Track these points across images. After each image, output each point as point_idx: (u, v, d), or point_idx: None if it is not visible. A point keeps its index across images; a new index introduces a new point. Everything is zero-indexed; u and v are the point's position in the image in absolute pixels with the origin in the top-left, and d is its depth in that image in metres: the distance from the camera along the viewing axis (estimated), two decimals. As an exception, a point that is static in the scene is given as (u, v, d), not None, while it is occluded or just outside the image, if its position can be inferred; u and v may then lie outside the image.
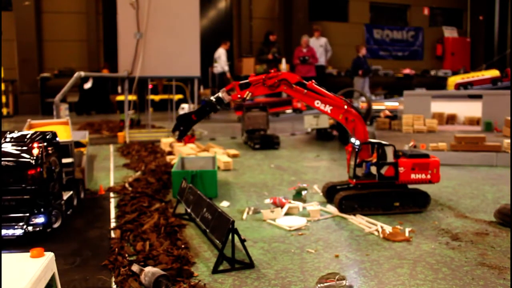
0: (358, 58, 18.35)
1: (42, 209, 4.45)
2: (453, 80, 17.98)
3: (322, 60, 19.20)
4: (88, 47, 20.51)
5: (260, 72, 19.47)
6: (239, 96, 5.28)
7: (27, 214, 4.39)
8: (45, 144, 4.63)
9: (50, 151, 4.75)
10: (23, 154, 4.45)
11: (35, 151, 4.46)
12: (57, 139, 5.06)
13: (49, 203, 4.58)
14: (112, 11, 11.87)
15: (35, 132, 4.84)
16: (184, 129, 5.50)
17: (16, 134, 4.73)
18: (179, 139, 5.63)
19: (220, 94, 5.34)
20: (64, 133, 6.01)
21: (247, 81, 5.36)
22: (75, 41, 20.39)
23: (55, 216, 4.62)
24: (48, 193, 4.60)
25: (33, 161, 4.42)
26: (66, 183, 5.45)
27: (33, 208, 4.43)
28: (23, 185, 4.42)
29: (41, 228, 4.40)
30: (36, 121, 6.50)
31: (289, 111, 17.10)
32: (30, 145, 4.51)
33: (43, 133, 4.84)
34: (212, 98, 5.37)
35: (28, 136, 4.69)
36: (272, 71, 5.31)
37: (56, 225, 4.65)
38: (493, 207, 5.28)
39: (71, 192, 5.31)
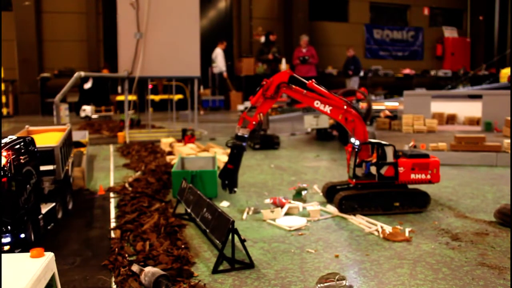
0: (347, 59, 18.50)
1: (8, 227, 3.82)
2: (506, 73, 17.81)
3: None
4: (88, 47, 20.52)
5: (261, 72, 19.52)
6: (254, 123, 5.25)
7: None
8: (15, 152, 3.99)
9: (22, 160, 4.11)
10: None
11: (1, 161, 3.81)
12: (32, 146, 4.42)
13: (19, 220, 3.91)
14: (112, 11, 11.88)
15: (6, 139, 4.22)
16: (229, 182, 5.41)
17: None
18: (231, 192, 5.51)
19: (238, 133, 5.30)
20: (56, 139, 5.36)
21: (250, 105, 5.38)
22: (75, 41, 20.39)
23: (27, 233, 3.98)
24: (18, 208, 3.93)
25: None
26: (49, 193, 4.80)
27: None
28: None
29: (8, 249, 3.84)
30: (34, 128, 6.05)
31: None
32: None
33: (14, 141, 4.20)
34: (235, 141, 5.32)
35: None
36: (264, 82, 5.26)
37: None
38: (493, 207, 5.28)
39: (54, 204, 4.69)
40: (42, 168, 4.69)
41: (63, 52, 20.16)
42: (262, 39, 18.86)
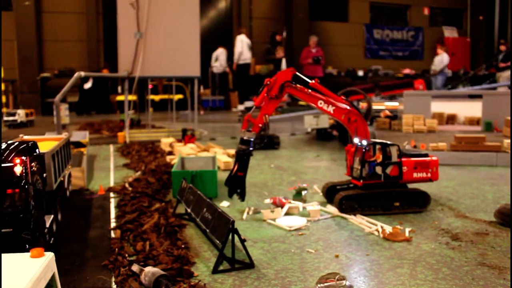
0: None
1: (27, 245, 3.37)
2: None
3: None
4: (88, 47, 20.53)
5: (265, 73, 19.47)
6: (260, 125, 5.08)
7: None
8: (29, 158, 3.54)
9: (34, 168, 3.67)
10: (1, 173, 3.34)
11: (18, 169, 3.35)
12: (38, 151, 4.01)
13: (37, 236, 3.51)
14: (112, 11, 11.89)
15: (14, 143, 3.71)
16: (241, 190, 5.18)
17: None
18: (243, 200, 5.27)
19: (244, 137, 5.11)
20: (50, 146, 4.90)
21: (254, 107, 5.27)
22: (75, 41, 20.41)
23: None
24: (35, 223, 3.51)
25: (15, 183, 3.31)
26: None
27: (16, 245, 3.32)
28: (2, 215, 3.31)
29: None
30: (29, 137, 5.60)
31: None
32: (10, 160, 3.37)
33: (25, 144, 3.72)
34: (240, 146, 5.12)
35: (5, 148, 3.53)
36: (267, 82, 5.11)
37: None
38: (493, 207, 5.28)
39: (52, 216, 4.23)
40: None
41: (63, 52, 20.18)
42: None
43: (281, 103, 16.28)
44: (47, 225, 3.95)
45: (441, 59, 18.22)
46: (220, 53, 18.80)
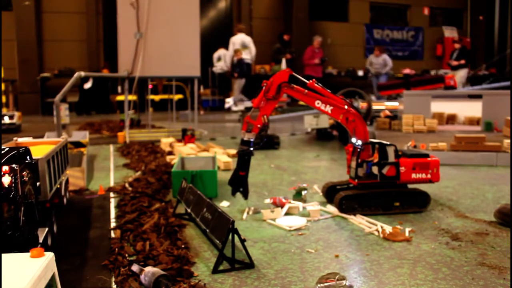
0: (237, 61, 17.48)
1: None
2: None
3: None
4: (88, 47, 20.51)
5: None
6: (259, 126, 5.13)
7: None
8: (19, 166, 3.22)
9: (25, 177, 3.35)
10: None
11: (6, 180, 3.03)
12: (30, 159, 3.70)
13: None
14: (112, 11, 11.87)
15: (3, 149, 3.38)
16: (243, 188, 5.19)
17: None
18: (246, 198, 5.27)
19: (244, 138, 5.17)
20: (45, 151, 4.55)
21: (253, 108, 5.31)
22: (75, 41, 20.39)
23: None
24: (27, 239, 3.24)
25: (2, 195, 3.01)
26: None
27: None
28: None
29: None
30: (23, 140, 5.44)
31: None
32: None
33: (16, 151, 3.41)
34: (241, 146, 5.17)
35: None
36: (264, 84, 5.14)
37: None
38: (493, 207, 5.28)
39: (46, 229, 3.83)
40: None
41: (63, 52, 20.16)
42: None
43: (281, 103, 16.23)
44: (40, 240, 3.56)
45: (384, 63, 18.39)
46: (224, 54, 18.76)
